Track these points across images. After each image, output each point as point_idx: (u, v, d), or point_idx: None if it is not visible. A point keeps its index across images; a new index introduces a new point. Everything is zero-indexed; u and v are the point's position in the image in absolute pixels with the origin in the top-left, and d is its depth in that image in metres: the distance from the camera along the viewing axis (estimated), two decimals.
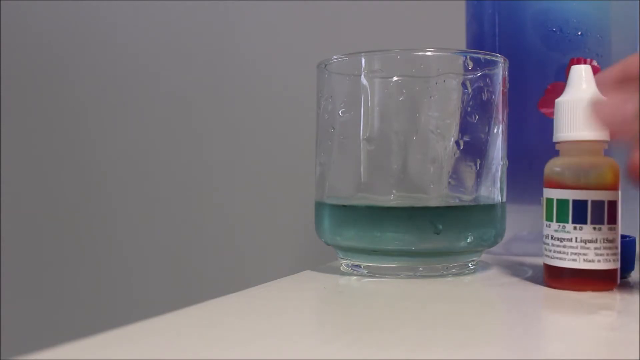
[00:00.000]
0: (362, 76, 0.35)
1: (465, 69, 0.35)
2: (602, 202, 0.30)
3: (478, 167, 0.35)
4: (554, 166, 0.32)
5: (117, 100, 0.88)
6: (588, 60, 0.36)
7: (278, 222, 0.79)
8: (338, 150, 0.37)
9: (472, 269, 0.36)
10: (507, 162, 0.37)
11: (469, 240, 0.34)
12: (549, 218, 0.32)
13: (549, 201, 0.32)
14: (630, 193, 0.42)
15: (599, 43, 0.42)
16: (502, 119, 0.37)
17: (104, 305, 0.87)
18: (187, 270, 0.83)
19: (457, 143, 0.35)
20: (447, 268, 0.35)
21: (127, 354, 0.21)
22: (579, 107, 0.31)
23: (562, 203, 0.31)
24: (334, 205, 0.36)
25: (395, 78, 0.35)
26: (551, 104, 0.34)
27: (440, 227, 0.33)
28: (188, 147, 0.84)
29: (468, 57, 0.35)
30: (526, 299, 0.30)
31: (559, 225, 0.31)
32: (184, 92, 0.84)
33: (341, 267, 0.37)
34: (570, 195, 0.31)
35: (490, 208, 0.36)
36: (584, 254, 0.30)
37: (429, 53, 0.35)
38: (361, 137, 0.35)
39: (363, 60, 0.35)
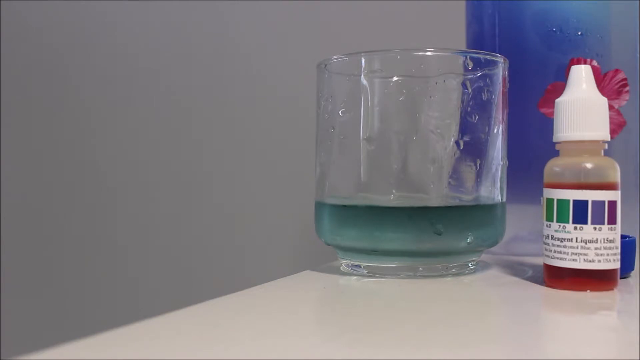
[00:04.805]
0: (362, 76, 0.35)
1: (465, 69, 0.35)
2: (602, 202, 0.30)
3: (478, 167, 0.35)
4: (554, 166, 0.32)
5: (117, 100, 0.88)
6: (588, 60, 0.36)
7: (278, 222, 0.79)
8: (338, 150, 0.37)
9: (472, 269, 0.36)
10: (507, 162, 0.37)
11: (469, 240, 0.34)
12: (549, 218, 0.31)
13: (549, 201, 0.32)
14: (630, 193, 0.42)
15: (599, 43, 0.42)
16: (502, 119, 0.37)
17: (104, 305, 0.87)
18: (187, 270, 0.83)
19: (457, 143, 0.35)
20: (447, 268, 0.35)
21: (127, 354, 0.21)
22: (579, 107, 0.31)
23: (562, 203, 0.31)
24: (334, 205, 0.36)
25: (395, 78, 0.35)
26: (551, 104, 0.34)
27: (442, 229, 0.33)
28: (188, 147, 0.84)
29: (468, 57, 0.35)
30: (526, 299, 0.30)
31: (560, 226, 0.31)
32: (184, 92, 0.84)
33: (341, 267, 0.37)
34: (570, 195, 0.31)
35: (490, 208, 0.36)
36: (584, 254, 0.30)
37: (429, 53, 0.35)
38: (361, 137, 0.35)
39: (363, 60, 0.35)
